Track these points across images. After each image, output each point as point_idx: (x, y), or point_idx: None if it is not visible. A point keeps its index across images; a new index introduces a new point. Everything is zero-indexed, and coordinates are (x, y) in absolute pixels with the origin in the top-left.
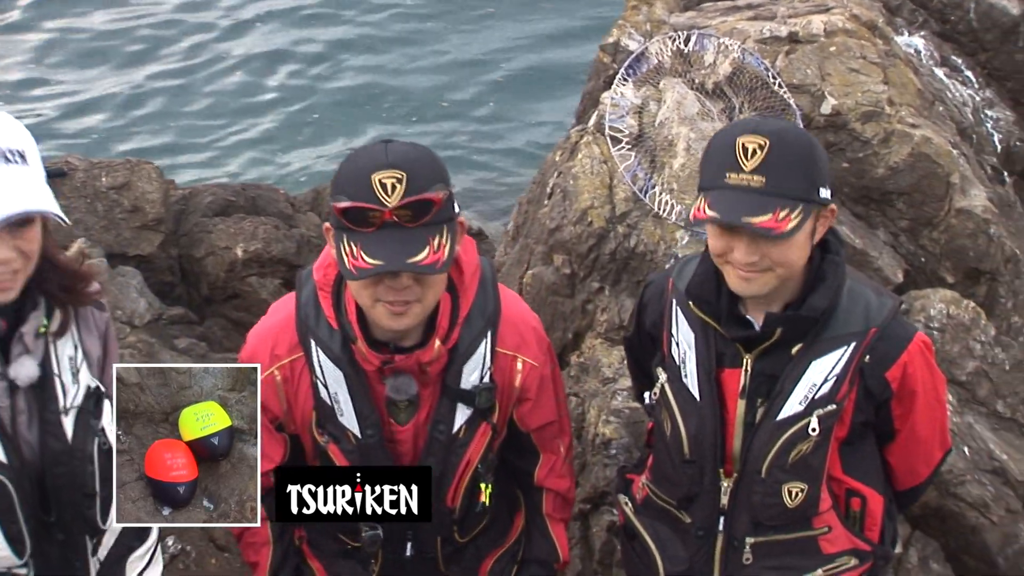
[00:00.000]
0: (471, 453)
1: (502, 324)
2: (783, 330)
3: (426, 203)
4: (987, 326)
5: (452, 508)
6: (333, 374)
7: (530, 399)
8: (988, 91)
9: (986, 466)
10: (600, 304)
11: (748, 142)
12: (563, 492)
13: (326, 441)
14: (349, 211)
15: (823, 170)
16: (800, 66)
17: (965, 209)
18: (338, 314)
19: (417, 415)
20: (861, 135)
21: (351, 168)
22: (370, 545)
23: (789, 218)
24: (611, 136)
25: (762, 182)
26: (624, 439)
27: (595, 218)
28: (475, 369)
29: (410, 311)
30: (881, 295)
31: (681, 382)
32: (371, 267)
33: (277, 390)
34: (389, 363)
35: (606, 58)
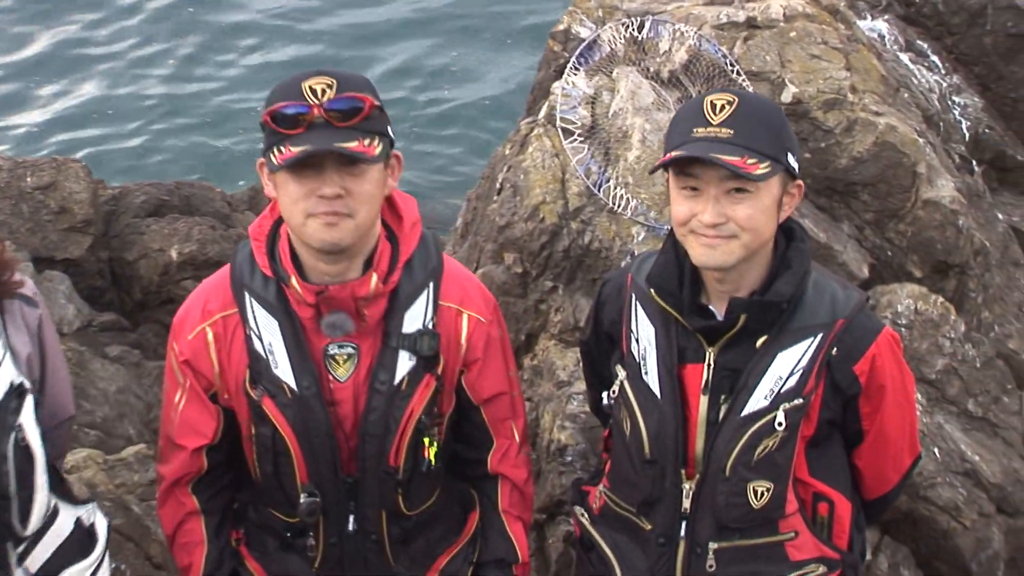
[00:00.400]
0: (414, 404)
1: (445, 278)
2: (748, 318)
3: (356, 103)
4: (957, 322)
5: (395, 468)
6: (267, 324)
7: (478, 360)
8: (955, 77)
9: (957, 468)
10: (554, 304)
11: (716, 99)
12: (519, 484)
13: (260, 394)
14: (277, 113)
15: (792, 139)
16: (759, 52)
17: (932, 200)
18: (271, 262)
19: (357, 371)
20: (823, 124)
21: (283, 82)
22: (308, 515)
23: (758, 165)
24: (563, 128)
25: (730, 133)
26: (580, 445)
27: (547, 214)
28: (417, 318)
29: (342, 224)
30: (847, 288)
31: (641, 379)
32: (297, 153)
33: (209, 349)
34: (323, 293)
35: (556, 46)
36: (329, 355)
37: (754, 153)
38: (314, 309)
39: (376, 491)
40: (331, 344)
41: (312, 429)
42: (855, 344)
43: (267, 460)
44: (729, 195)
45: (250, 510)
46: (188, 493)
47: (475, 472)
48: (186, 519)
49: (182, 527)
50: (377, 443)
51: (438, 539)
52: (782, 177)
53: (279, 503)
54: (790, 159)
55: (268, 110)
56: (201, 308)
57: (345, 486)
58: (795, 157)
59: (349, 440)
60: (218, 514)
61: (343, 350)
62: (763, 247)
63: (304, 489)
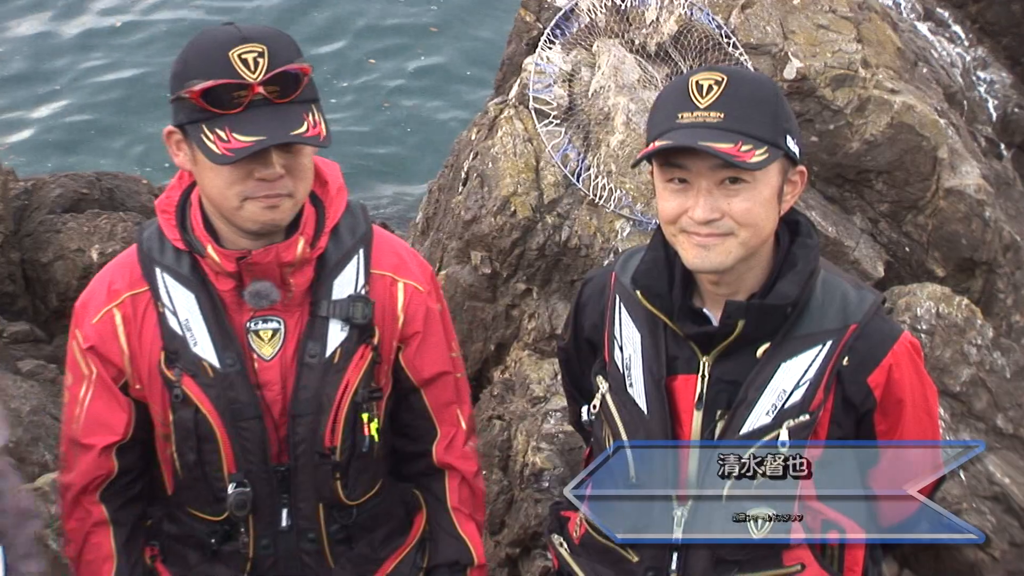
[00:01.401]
0: (349, 376)
1: (376, 246)
2: (746, 323)
3: (294, 75)
4: (984, 327)
5: (331, 449)
6: (183, 298)
7: (418, 333)
8: (980, 49)
9: (985, 492)
10: (527, 309)
11: (703, 79)
12: (469, 477)
13: (178, 375)
14: (210, 92)
15: (791, 120)
16: (758, 23)
17: (955, 189)
18: (183, 233)
19: (284, 348)
20: (832, 103)
21: (200, 50)
22: (238, 508)
23: (753, 152)
24: (536, 109)
25: (720, 117)
26: (558, 469)
27: (519, 207)
28: (347, 285)
29: (282, 204)
30: (860, 289)
31: (626, 392)
32: (250, 143)
33: (117, 333)
34: (245, 259)
35: (529, 16)
36: (252, 330)
37: (749, 138)
38: (235, 280)
39: (311, 479)
40: (254, 319)
41: (237, 411)
42: (869, 352)
43: (189, 449)
44: (722, 187)
45: (166, 523)
46: (96, 501)
47: (418, 468)
48: (93, 531)
49: (88, 541)
50: (310, 423)
51: (382, 541)
52: (782, 163)
53: (203, 500)
54: (790, 142)
55: (196, 88)
56: (106, 289)
57: (277, 475)
58: (796, 140)
59: (279, 427)
60: (128, 526)
61: (267, 324)
62: (763, 244)
63: (232, 479)
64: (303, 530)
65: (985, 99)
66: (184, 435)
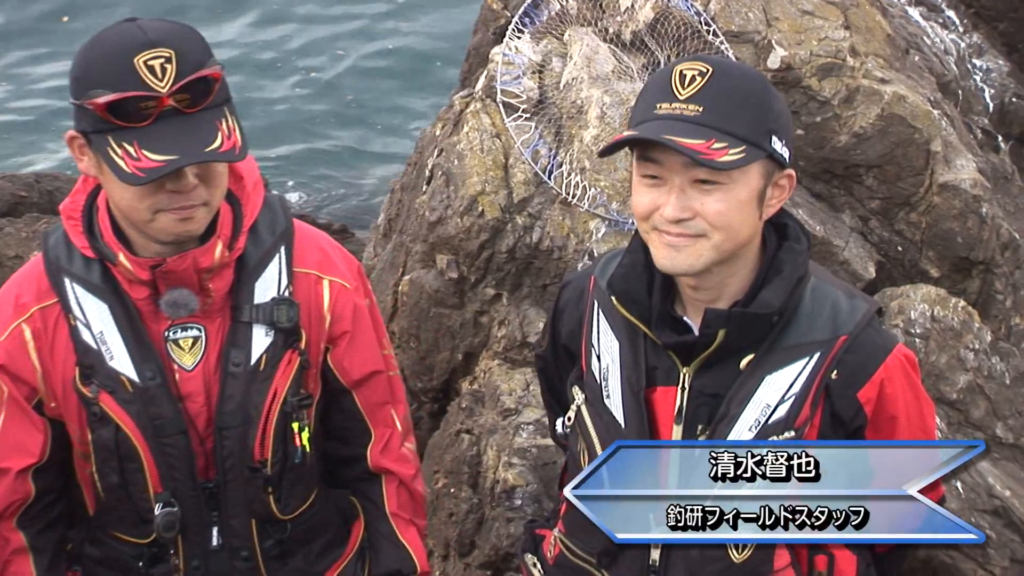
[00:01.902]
0: (277, 384)
1: (297, 242)
2: (728, 333)
3: (206, 81)
4: (981, 330)
5: (262, 462)
6: (96, 309)
7: (346, 332)
8: (975, 35)
9: (984, 505)
10: (496, 316)
11: (686, 68)
12: (407, 481)
13: (95, 391)
14: (116, 105)
15: (781, 119)
16: (740, 9)
17: (950, 184)
18: (92, 241)
19: (206, 356)
20: (818, 94)
21: (101, 55)
22: (166, 529)
23: (727, 151)
24: (504, 103)
25: (698, 111)
26: (532, 486)
27: (487, 207)
28: (270, 287)
29: (196, 214)
30: (854, 297)
31: (602, 404)
32: (162, 164)
33: (28, 350)
34: (159, 267)
35: (496, 4)
36: (171, 340)
37: (726, 135)
38: (149, 288)
39: (241, 495)
40: (173, 327)
41: (160, 427)
42: (860, 365)
43: (111, 469)
44: (696, 185)
45: (88, 546)
46: (13, 528)
47: (353, 473)
48: (11, 559)
49: (7, 570)
50: (238, 436)
51: (319, 554)
52: (765, 165)
53: (128, 522)
54: (776, 144)
55: (100, 100)
56: (13, 303)
57: (205, 492)
58: (785, 142)
59: (204, 441)
60: (49, 552)
61: (187, 332)
62: (740, 249)
63: (158, 499)
64: (235, 548)
65: (981, 88)
66: (105, 455)
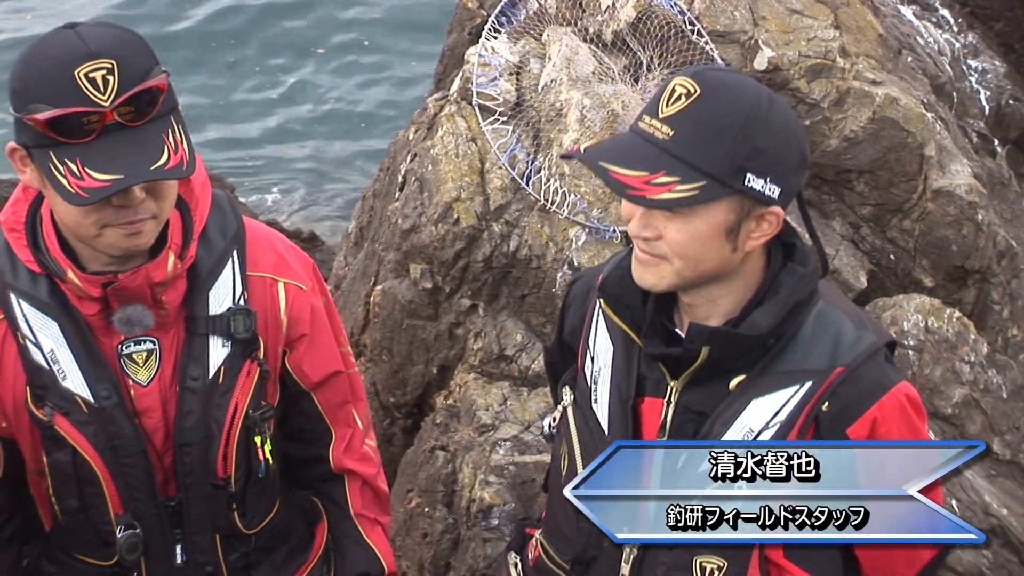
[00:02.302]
0: (237, 398)
1: (250, 244)
2: (712, 351)
3: (151, 93)
4: (977, 342)
5: (225, 479)
6: (45, 327)
7: (304, 335)
8: (971, 35)
9: (981, 523)
10: (472, 328)
11: (679, 84)
12: (369, 479)
13: (50, 414)
14: (57, 121)
15: (765, 156)
16: (725, 8)
17: (945, 190)
18: (37, 254)
19: (161, 370)
20: (807, 96)
21: (40, 67)
22: (129, 551)
23: (671, 187)
24: (481, 105)
25: (668, 135)
26: (509, 505)
27: (463, 214)
28: (225, 296)
29: (145, 228)
30: (863, 327)
31: (589, 407)
32: (108, 184)
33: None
34: (111, 284)
35: (472, 3)
36: (124, 354)
37: (685, 166)
38: (100, 303)
39: (205, 512)
40: (126, 342)
41: (119, 447)
42: (853, 400)
43: (70, 493)
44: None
45: (45, 562)
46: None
47: (315, 473)
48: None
49: None
50: (199, 452)
51: (284, 561)
52: (735, 202)
53: (89, 545)
54: (752, 182)
55: (40, 116)
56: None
57: (167, 510)
58: (770, 179)
59: (163, 456)
60: (5, 572)
61: (141, 346)
62: (711, 276)
63: (120, 521)
64: (200, 564)
65: (976, 90)
66: (62, 478)
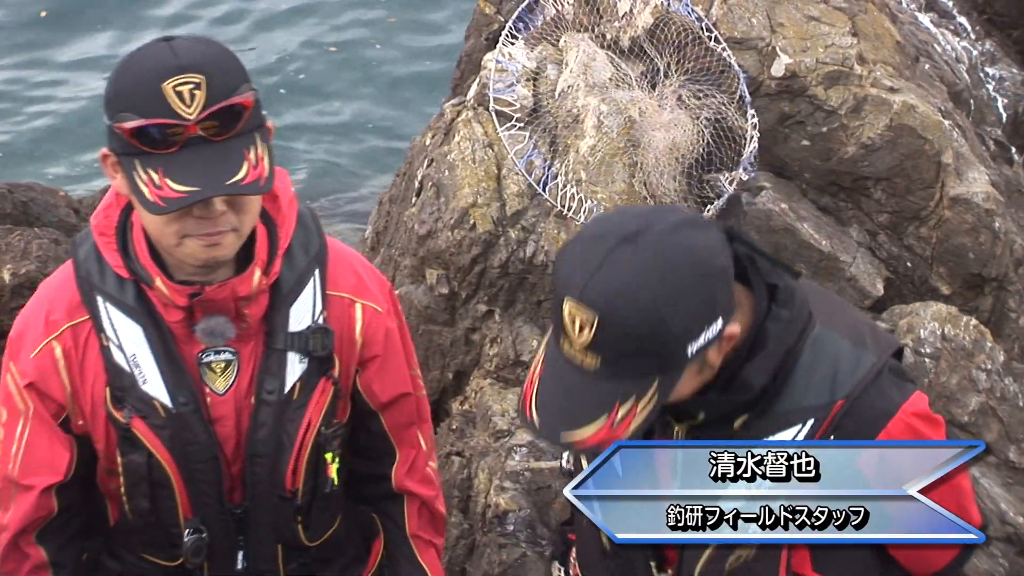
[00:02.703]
0: (310, 414)
1: (331, 264)
2: (707, 415)
3: (235, 109)
4: (994, 350)
5: (293, 492)
6: (129, 331)
7: (377, 356)
8: (988, 43)
9: (997, 532)
10: (489, 333)
11: (576, 314)
12: (428, 501)
13: (128, 416)
14: (142, 131)
15: (693, 321)
16: (743, 14)
17: (962, 197)
18: (126, 260)
19: (238, 380)
20: (825, 103)
21: (132, 78)
22: (194, 554)
23: (634, 411)
24: (497, 111)
25: (596, 363)
26: (524, 511)
27: (479, 220)
28: (305, 313)
29: (224, 240)
30: (861, 347)
31: None
32: (184, 195)
33: (58, 368)
34: (198, 295)
35: (489, 8)
36: (204, 363)
37: (629, 382)
38: (185, 312)
39: (270, 522)
40: (206, 351)
41: (192, 453)
42: (858, 431)
43: (142, 494)
44: None
45: (107, 558)
46: (33, 543)
47: (376, 491)
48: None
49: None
50: (269, 464)
51: (339, 573)
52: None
53: (156, 545)
54: (694, 346)
55: (127, 125)
56: (44, 319)
57: (233, 517)
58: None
59: (231, 464)
60: (69, 566)
61: (220, 356)
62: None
63: (188, 524)
64: (260, 571)
65: (994, 98)
66: (135, 480)
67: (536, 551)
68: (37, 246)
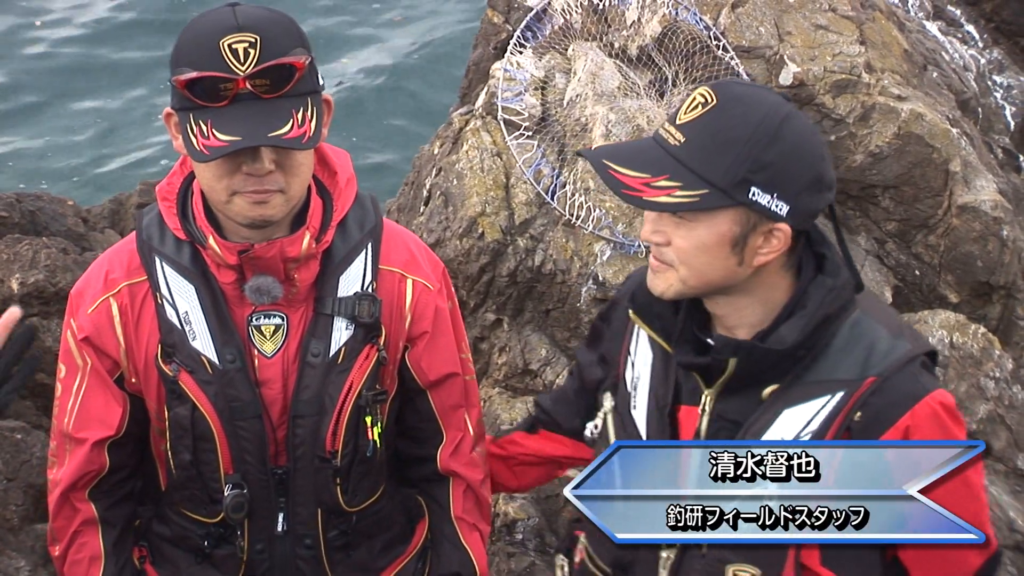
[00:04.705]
0: (353, 377)
1: (385, 240)
2: (739, 363)
3: (286, 68)
4: (1002, 358)
5: (333, 453)
6: (183, 290)
7: (426, 333)
8: (996, 51)
9: (1006, 540)
10: (497, 342)
11: (700, 93)
12: (475, 485)
13: (176, 370)
14: (195, 83)
15: (772, 170)
16: (751, 23)
17: (970, 205)
18: (184, 223)
19: (286, 345)
20: (833, 111)
21: (193, 35)
22: (235, 510)
23: (671, 191)
24: (506, 120)
25: (679, 141)
26: (533, 519)
27: (487, 229)
28: (354, 282)
29: (272, 200)
30: (899, 337)
31: (629, 414)
32: (226, 144)
33: (114, 324)
34: (247, 252)
35: (497, 17)
36: (254, 325)
37: (690, 174)
38: (236, 272)
39: (311, 483)
40: (256, 314)
41: (237, 410)
42: (884, 410)
43: (185, 447)
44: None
45: (156, 523)
46: (85, 499)
47: (422, 473)
48: (81, 530)
49: (76, 540)
50: (311, 425)
51: (382, 549)
52: (739, 214)
53: (197, 501)
54: (757, 196)
55: (182, 78)
56: (103, 278)
57: (275, 478)
58: (774, 194)
59: (277, 428)
60: (118, 526)
61: (270, 320)
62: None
63: (228, 480)
64: (300, 536)
65: (1002, 106)
66: (180, 433)
67: (545, 559)
68: (45, 255)
